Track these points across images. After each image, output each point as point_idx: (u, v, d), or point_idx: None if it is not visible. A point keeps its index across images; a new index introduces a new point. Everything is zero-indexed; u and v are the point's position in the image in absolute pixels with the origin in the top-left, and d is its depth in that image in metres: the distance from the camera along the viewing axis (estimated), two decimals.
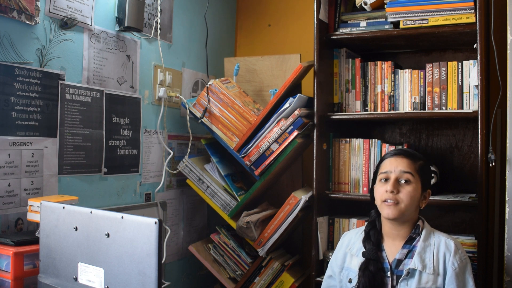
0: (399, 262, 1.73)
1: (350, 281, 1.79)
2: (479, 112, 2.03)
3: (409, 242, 1.74)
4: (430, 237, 1.73)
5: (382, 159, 1.83)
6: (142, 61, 2.38)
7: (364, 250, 1.77)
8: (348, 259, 1.84)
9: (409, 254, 1.72)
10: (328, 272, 1.94)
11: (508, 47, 1.94)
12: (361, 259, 1.77)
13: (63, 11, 1.96)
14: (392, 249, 1.76)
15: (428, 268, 1.67)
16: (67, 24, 1.98)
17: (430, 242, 1.72)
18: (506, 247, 1.93)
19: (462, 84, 2.22)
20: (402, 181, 1.72)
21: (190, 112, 2.49)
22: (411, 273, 1.67)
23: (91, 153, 2.11)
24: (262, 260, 2.42)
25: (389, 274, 1.72)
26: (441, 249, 1.70)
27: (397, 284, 1.69)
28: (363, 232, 1.83)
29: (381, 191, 1.74)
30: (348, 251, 1.85)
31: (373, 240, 1.77)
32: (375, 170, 1.85)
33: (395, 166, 1.74)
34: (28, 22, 1.82)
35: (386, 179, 1.75)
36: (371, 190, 1.87)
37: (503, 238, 1.94)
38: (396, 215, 1.69)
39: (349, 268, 1.82)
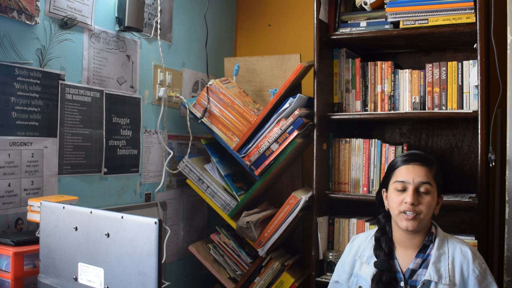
0: (413, 272, 1.66)
1: None
2: (479, 112, 2.03)
3: (423, 250, 1.67)
4: (444, 245, 1.66)
5: (396, 165, 1.72)
6: (142, 61, 2.38)
7: (376, 259, 1.70)
8: (358, 266, 1.78)
9: (423, 263, 1.65)
10: (334, 277, 1.88)
11: (508, 47, 1.94)
12: (372, 268, 1.70)
13: (63, 11, 1.96)
14: (404, 258, 1.69)
15: (444, 278, 1.60)
16: (67, 24, 1.98)
17: (444, 250, 1.65)
18: (506, 247, 1.93)
19: (462, 84, 2.22)
20: (421, 190, 1.64)
21: (190, 112, 2.49)
22: (426, 284, 1.61)
23: (91, 153, 2.11)
24: (262, 260, 2.42)
25: (402, 284, 1.65)
26: (456, 258, 1.63)
27: None
28: (373, 238, 1.76)
29: (398, 201, 1.65)
30: (358, 258, 1.78)
31: (385, 250, 1.70)
32: (387, 174, 1.75)
33: (413, 177, 1.65)
34: (28, 22, 1.82)
35: (403, 190, 1.66)
36: (378, 193, 1.81)
37: (503, 238, 1.94)
38: (415, 227, 1.62)
39: (359, 275, 1.76)
